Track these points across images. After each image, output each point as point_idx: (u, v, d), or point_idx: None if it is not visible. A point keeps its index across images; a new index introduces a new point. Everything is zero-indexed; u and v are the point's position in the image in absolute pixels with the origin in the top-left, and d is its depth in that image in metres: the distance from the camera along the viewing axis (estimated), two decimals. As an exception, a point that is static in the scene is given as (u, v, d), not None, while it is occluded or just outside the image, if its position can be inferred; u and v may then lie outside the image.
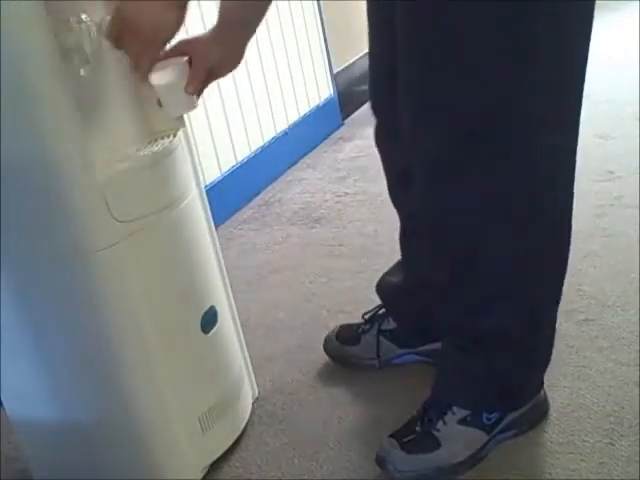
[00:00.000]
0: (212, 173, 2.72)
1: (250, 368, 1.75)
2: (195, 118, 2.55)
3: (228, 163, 2.84)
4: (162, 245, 1.44)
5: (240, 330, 1.73)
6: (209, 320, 1.54)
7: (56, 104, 1.26)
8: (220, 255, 1.66)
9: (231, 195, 2.80)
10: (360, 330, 1.82)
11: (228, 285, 1.69)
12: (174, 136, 1.48)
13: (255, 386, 1.77)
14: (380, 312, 1.81)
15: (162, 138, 1.48)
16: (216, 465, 1.58)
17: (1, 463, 1.70)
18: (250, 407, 1.72)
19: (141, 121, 1.48)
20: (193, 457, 1.53)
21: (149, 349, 1.43)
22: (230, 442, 1.62)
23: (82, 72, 1.34)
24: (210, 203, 1.63)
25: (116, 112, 1.43)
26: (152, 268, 1.41)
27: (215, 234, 1.65)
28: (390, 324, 1.78)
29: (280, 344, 2.00)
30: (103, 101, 1.40)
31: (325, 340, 1.87)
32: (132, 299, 1.39)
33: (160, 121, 1.50)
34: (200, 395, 1.54)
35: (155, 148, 1.44)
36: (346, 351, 1.83)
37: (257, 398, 1.76)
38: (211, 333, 1.54)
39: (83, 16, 1.32)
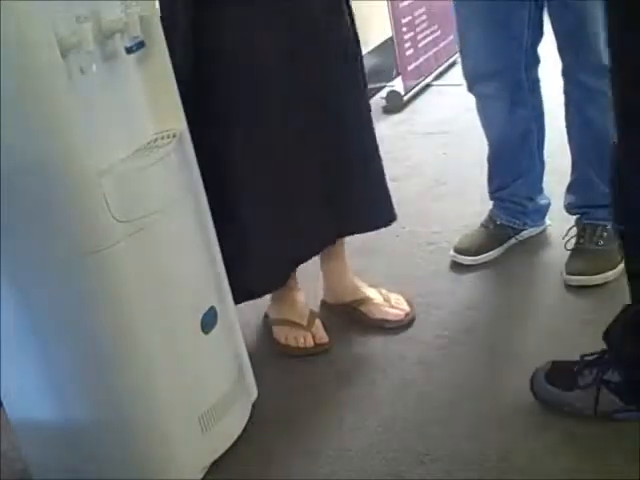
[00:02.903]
0: (212, 173, 2.71)
1: (250, 368, 1.75)
2: (195, 118, 2.55)
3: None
4: (162, 245, 1.44)
5: (240, 330, 1.73)
6: (209, 320, 1.53)
7: (56, 105, 1.26)
8: (220, 255, 1.66)
9: (231, 195, 2.80)
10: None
11: (228, 285, 1.69)
12: (174, 136, 1.48)
13: (255, 386, 1.77)
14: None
15: (162, 138, 1.48)
16: (216, 465, 1.58)
17: (1, 463, 1.70)
18: (250, 407, 1.72)
19: (142, 121, 1.48)
20: (193, 457, 1.53)
21: (149, 349, 1.43)
22: (230, 442, 1.61)
23: (83, 72, 1.34)
24: (210, 203, 1.63)
25: (116, 112, 1.43)
26: (152, 268, 1.41)
27: (215, 234, 1.65)
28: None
29: (280, 344, 1.99)
30: (104, 101, 1.40)
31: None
32: (132, 299, 1.39)
33: (160, 121, 1.50)
34: (200, 395, 1.54)
35: (155, 148, 1.44)
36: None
37: (257, 398, 1.76)
38: (211, 333, 1.54)
39: (85, 16, 1.32)
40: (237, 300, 1.75)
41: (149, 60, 1.47)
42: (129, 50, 1.42)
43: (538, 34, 2.00)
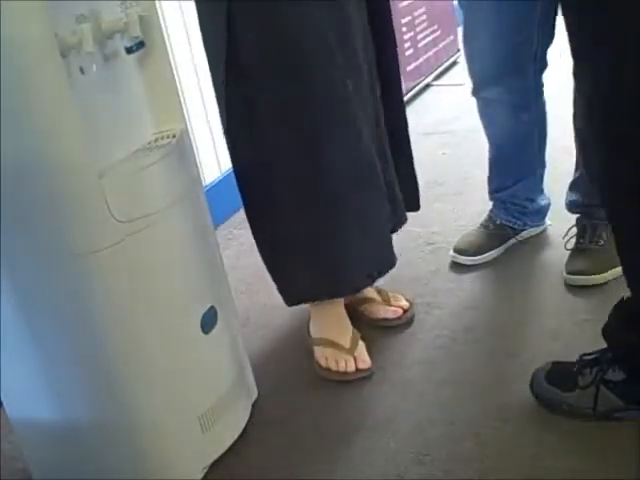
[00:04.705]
0: (212, 173, 2.72)
1: (250, 368, 1.75)
2: (195, 118, 2.55)
3: (228, 163, 2.83)
4: (162, 245, 1.44)
5: (240, 331, 1.73)
6: (209, 320, 1.54)
7: (56, 104, 1.26)
8: (220, 255, 1.66)
9: (231, 195, 2.80)
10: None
11: (228, 285, 1.69)
12: (174, 136, 1.48)
13: (255, 386, 1.77)
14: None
15: (162, 138, 1.48)
16: (216, 465, 1.58)
17: (1, 463, 1.70)
18: (250, 407, 1.72)
19: (142, 121, 1.48)
20: (193, 457, 1.53)
21: (149, 349, 1.43)
22: (230, 442, 1.62)
23: (83, 72, 1.34)
24: (210, 203, 1.63)
25: (116, 112, 1.43)
26: (152, 268, 1.41)
27: (215, 234, 1.65)
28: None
29: (280, 344, 2.00)
30: (104, 101, 1.40)
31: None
32: (132, 299, 1.39)
33: (160, 121, 1.50)
34: (200, 395, 1.54)
35: (155, 148, 1.45)
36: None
37: (257, 398, 1.76)
38: (211, 333, 1.54)
39: (85, 16, 1.32)
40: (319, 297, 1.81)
41: (149, 60, 1.47)
42: (129, 50, 1.42)
43: (549, 38, 1.93)
